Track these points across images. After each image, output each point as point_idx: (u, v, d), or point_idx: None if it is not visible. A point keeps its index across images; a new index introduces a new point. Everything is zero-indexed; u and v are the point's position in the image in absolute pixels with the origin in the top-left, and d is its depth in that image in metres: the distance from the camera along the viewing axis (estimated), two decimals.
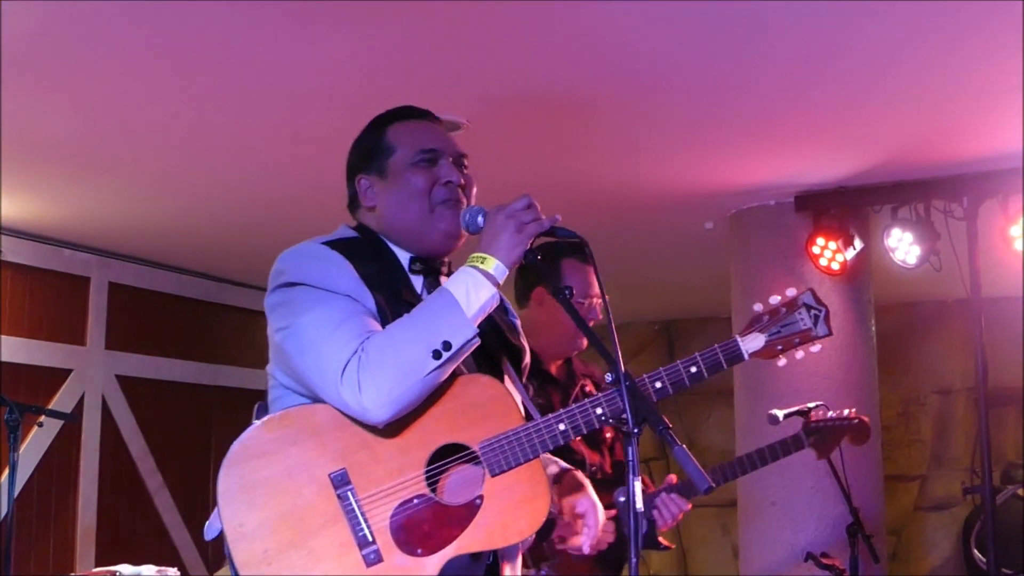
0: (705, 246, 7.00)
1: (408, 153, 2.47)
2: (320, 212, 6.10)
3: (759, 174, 5.66)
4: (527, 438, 2.25)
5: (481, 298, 2.24)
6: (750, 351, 2.38)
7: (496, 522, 2.22)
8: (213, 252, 7.32)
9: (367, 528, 2.19)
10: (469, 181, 2.50)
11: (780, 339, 2.40)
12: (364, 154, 2.54)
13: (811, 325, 2.42)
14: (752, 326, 2.40)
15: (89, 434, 7.02)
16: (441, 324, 2.20)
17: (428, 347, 2.18)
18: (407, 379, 2.17)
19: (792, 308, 2.42)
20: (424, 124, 2.54)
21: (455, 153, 2.50)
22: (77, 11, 3.71)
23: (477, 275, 2.25)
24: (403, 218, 2.46)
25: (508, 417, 2.27)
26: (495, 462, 2.24)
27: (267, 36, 3.94)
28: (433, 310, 2.23)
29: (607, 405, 2.28)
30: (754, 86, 4.48)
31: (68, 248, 6.93)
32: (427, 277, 2.47)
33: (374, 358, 2.17)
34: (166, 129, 4.92)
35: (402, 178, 2.46)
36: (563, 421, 2.27)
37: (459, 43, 4.04)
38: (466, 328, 2.21)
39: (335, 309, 2.26)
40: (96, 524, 6.99)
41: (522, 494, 2.24)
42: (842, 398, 5.70)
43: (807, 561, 4.52)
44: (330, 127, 4.79)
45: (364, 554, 2.18)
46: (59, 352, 6.88)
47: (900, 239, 5.61)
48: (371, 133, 2.55)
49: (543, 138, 5.10)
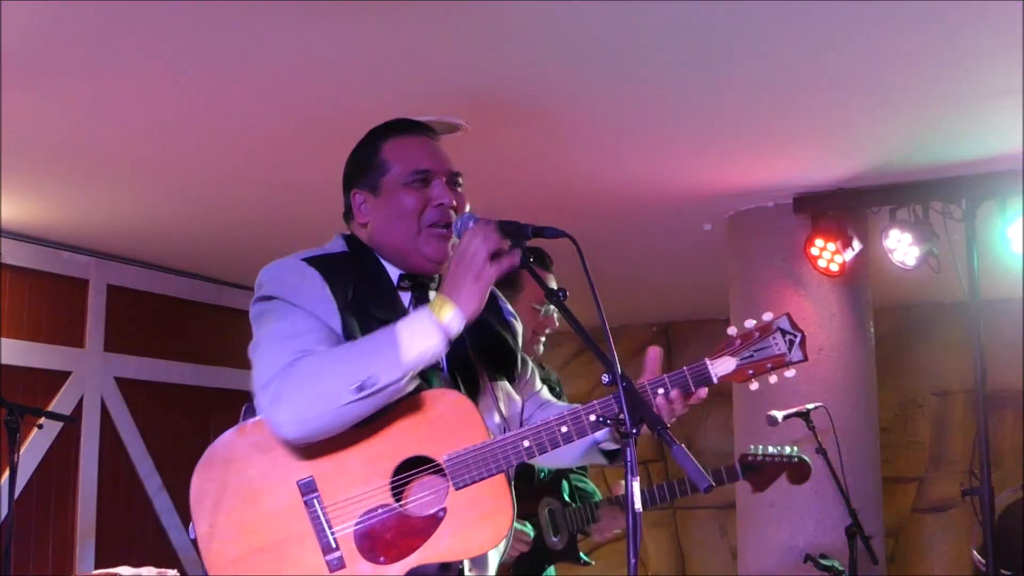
0: (703, 248, 7.00)
1: (401, 172, 2.46)
2: (317, 215, 6.12)
3: (757, 176, 5.66)
4: (492, 453, 2.25)
5: (423, 346, 2.19)
6: (719, 375, 2.37)
7: (458, 535, 2.23)
8: (212, 254, 7.32)
9: (331, 535, 2.22)
10: (461, 200, 2.48)
11: (751, 363, 2.39)
12: (359, 168, 2.53)
13: (785, 350, 2.40)
14: (724, 349, 2.40)
15: (88, 436, 7.02)
16: (373, 361, 2.18)
17: (352, 379, 2.16)
18: (321, 405, 2.17)
19: (766, 333, 2.41)
20: (420, 140, 2.51)
21: (448, 172, 2.48)
22: (75, 13, 3.71)
23: (428, 323, 2.21)
24: (391, 236, 2.46)
25: (474, 432, 2.27)
26: (459, 475, 2.24)
27: (266, 40, 3.94)
28: (372, 345, 2.21)
29: (572, 424, 2.29)
30: (752, 88, 4.49)
31: (67, 251, 6.94)
32: (415, 293, 2.47)
33: (297, 377, 2.19)
34: (165, 132, 4.93)
35: (394, 197, 2.45)
36: (528, 438, 2.28)
37: (453, 45, 4.04)
38: (395, 371, 2.17)
39: (291, 324, 2.29)
40: (95, 526, 7.00)
41: (485, 508, 2.25)
42: (840, 399, 5.71)
43: (806, 562, 4.52)
44: (328, 131, 4.79)
45: (328, 560, 2.21)
46: (58, 354, 6.88)
47: (899, 240, 5.62)
48: (367, 147, 2.54)
49: (540, 140, 5.10)
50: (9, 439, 4.03)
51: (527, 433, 2.29)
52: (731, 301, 6.32)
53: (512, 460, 2.27)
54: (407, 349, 2.18)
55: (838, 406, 5.38)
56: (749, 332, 2.41)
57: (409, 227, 2.43)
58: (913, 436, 9.18)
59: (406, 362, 2.18)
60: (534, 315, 3.82)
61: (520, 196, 5.71)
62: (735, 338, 2.41)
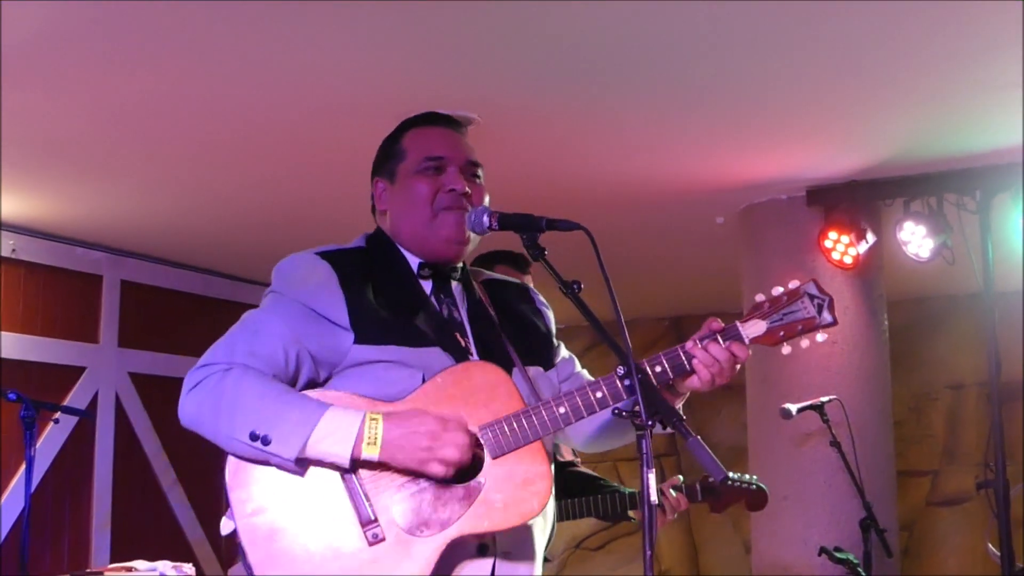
0: (715, 241, 6.99)
1: (416, 159, 2.49)
2: (332, 210, 6.15)
3: (770, 168, 5.65)
4: (527, 421, 2.26)
5: (328, 451, 2.19)
6: (750, 336, 2.35)
7: (496, 505, 2.23)
8: (225, 250, 7.34)
9: (369, 508, 2.22)
10: (478, 189, 2.50)
11: (782, 326, 2.36)
12: (381, 157, 2.58)
13: (815, 313, 2.37)
14: (753, 313, 2.38)
15: (103, 431, 7.04)
16: (280, 427, 2.19)
17: (252, 427, 2.19)
18: (215, 425, 2.24)
19: (794, 297, 2.38)
20: (438, 131, 2.54)
21: (465, 161, 2.50)
22: (88, 10, 3.72)
23: (349, 438, 2.19)
24: (407, 223, 2.49)
25: (509, 402, 2.29)
26: (495, 445, 2.25)
27: (280, 36, 3.95)
28: (293, 410, 2.21)
29: (606, 388, 2.29)
30: (765, 80, 4.48)
31: (80, 246, 6.96)
32: (436, 282, 2.49)
33: (217, 389, 2.24)
34: (178, 127, 4.94)
35: (408, 184, 2.49)
36: (563, 404, 2.28)
37: (467, 39, 4.04)
38: (290, 450, 2.18)
39: (263, 324, 2.34)
40: (111, 520, 7.03)
41: (523, 476, 2.25)
42: (854, 392, 5.70)
43: (820, 555, 4.52)
44: (342, 127, 4.80)
45: (366, 532, 2.21)
46: (72, 350, 6.90)
47: (913, 232, 5.60)
48: (391, 137, 2.58)
49: (553, 134, 5.10)
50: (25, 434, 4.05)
51: (562, 399, 2.29)
52: (743, 295, 6.31)
53: (548, 427, 2.27)
54: (314, 442, 2.19)
55: (852, 399, 5.37)
56: (777, 297, 2.39)
57: (423, 213, 2.45)
58: (927, 429, 9.16)
59: (304, 451, 2.19)
60: None
61: (533, 189, 5.70)
62: (763, 302, 2.39)
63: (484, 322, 2.48)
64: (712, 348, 2.32)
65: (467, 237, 2.45)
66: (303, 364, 2.32)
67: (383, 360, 2.32)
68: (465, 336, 2.45)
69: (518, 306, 2.60)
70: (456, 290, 2.53)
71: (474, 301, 2.53)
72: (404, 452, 2.19)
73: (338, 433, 2.19)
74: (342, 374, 2.34)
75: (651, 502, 2.03)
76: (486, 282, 2.64)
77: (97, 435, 7.00)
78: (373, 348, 2.32)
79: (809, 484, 5.80)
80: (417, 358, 2.33)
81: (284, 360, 2.30)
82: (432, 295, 2.47)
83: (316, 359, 2.33)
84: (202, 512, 7.62)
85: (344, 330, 2.32)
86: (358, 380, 2.31)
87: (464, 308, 2.51)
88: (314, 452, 2.19)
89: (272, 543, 2.21)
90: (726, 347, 2.32)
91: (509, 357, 2.46)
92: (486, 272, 2.70)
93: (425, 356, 2.34)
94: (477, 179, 2.51)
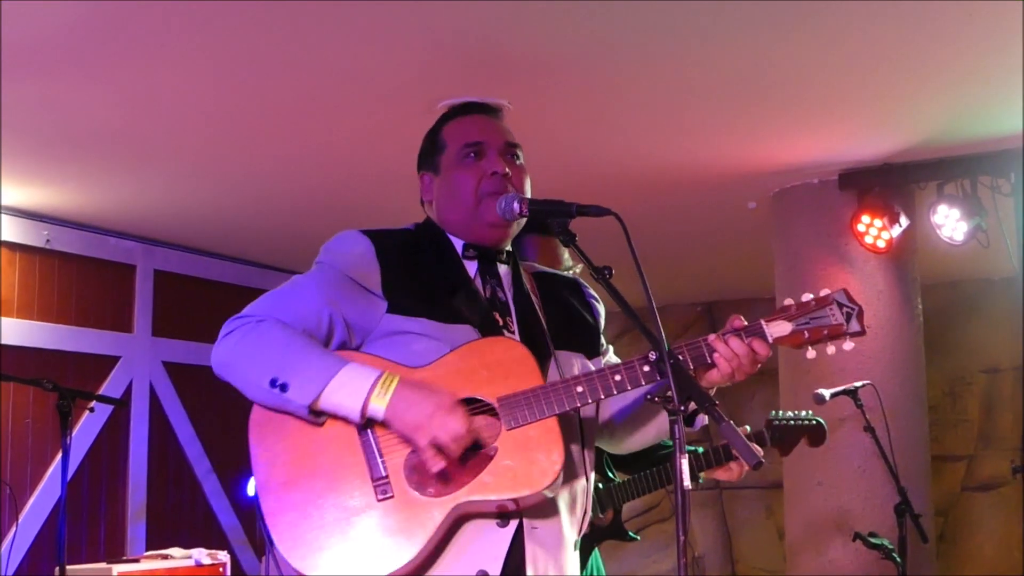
0: (748, 226, 6.96)
1: (456, 148, 2.53)
2: (365, 197, 6.17)
3: (802, 152, 5.62)
4: (544, 397, 2.27)
5: (341, 403, 2.24)
6: (774, 335, 2.36)
7: (507, 472, 2.25)
8: (257, 239, 7.37)
9: (381, 463, 2.26)
10: (518, 170, 2.52)
11: (807, 329, 2.37)
12: (424, 151, 2.62)
13: (843, 322, 2.38)
14: (779, 314, 2.39)
15: (137, 420, 7.10)
16: (301, 373, 2.25)
17: (276, 372, 2.26)
18: (239, 371, 2.32)
19: (823, 304, 2.40)
20: (474, 118, 2.58)
21: (503, 143, 2.53)
22: (121, 3, 3.74)
23: (361, 391, 2.24)
24: (454, 212, 2.52)
25: (529, 378, 2.30)
26: (511, 416, 2.27)
27: (310, 25, 3.96)
28: (313, 361, 2.27)
29: (626, 372, 2.30)
30: (796, 63, 4.45)
31: (114, 236, 7.01)
32: (481, 263, 2.52)
33: (248, 336, 2.33)
34: (210, 117, 4.96)
35: (451, 174, 2.52)
36: (581, 384, 2.29)
37: (499, 23, 4.04)
38: (304, 397, 2.24)
39: (304, 284, 2.43)
40: (146, 508, 7.09)
41: (535, 449, 2.26)
42: (888, 377, 5.67)
43: (855, 541, 4.50)
44: (374, 115, 4.81)
45: (376, 486, 2.25)
46: (107, 339, 6.96)
47: (947, 216, 5.56)
48: (431, 131, 2.62)
49: (585, 118, 5.10)
50: (61, 423, 4.08)
51: (580, 379, 2.30)
52: (776, 279, 6.28)
53: (565, 404, 2.28)
54: (329, 392, 2.24)
55: (886, 384, 5.34)
56: (805, 302, 2.40)
57: (467, 201, 2.48)
58: (962, 414, 9.10)
59: (318, 400, 2.25)
60: None
61: (563, 175, 5.70)
62: (790, 306, 2.40)
63: (528, 305, 2.51)
64: (733, 343, 2.33)
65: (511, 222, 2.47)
66: (336, 327, 2.38)
67: (412, 332, 2.36)
68: (508, 316, 2.48)
69: (566, 297, 2.64)
70: (503, 273, 2.55)
71: (520, 284, 2.55)
72: (407, 413, 2.22)
73: (352, 385, 2.24)
74: (373, 342, 2.39)
75: (684, 487, 2.02)
76: (536, 274, 2.67)
77: (132, 424, 7.06)
78: (404, 319, 2.37)
79: (843, 469, 5.77)
80: (446, 333, 2.36)
81: (317, 320, 2.36)
82: (477, 275, 2.50)
83: (350, 324, 2.38)
84: (236, 499, 7.67)
85: (378, 298, 2.38)
86: (387, 348, 2.36)
87: (510, 290, 2.54)
88: (328, 403, 2.25)
89: (284, 490, 2.27)
90: (747, 343, 2.33)
91: (547, 342, 2.47)
92: (537, 266, 2.73)
93: (454, 332, 2.37)
94: (517, 159, 2.54)
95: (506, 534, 2.31)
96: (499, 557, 2.29)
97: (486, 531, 2.30)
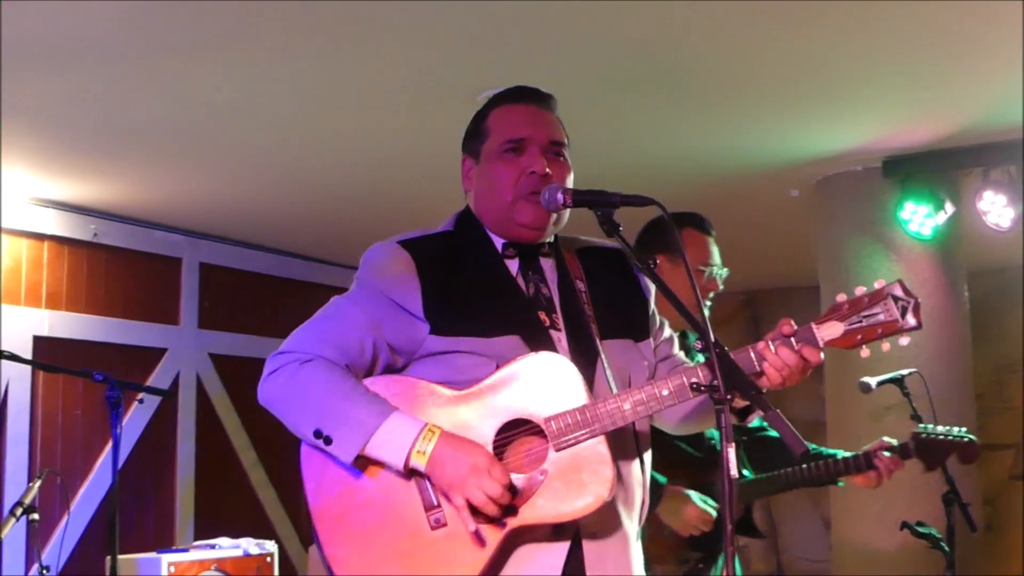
0: (790, 214, 6.92)
1: (497, 141, 2.49)
2: (409, 191, 6.18)
3: (845, 139, 5.58)
4: (593, 416, 2.26)
5: (382, 455, 2.27)
6: (825, 339, 2.30)
7: (557, 497, 2.24)
8: (301, 231, 7.41)
9: (433, 493, 2.27)
10: (560, 169, 2.47)
11: (860, 329, 2.31)
12: (468, 135, 2.58)
13: (897, 316, 2.31)
14: (831, 314, 2.33)
15: (185, 412, 7.18)
16: (343, 428, 2.27)
17: (320, 424, 2.29)
18: (285, 415, 2.37)
19: (876, 299, 2.32)
20: (523, 108, 2.52)
21: (546, 141, 2.48)
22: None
23: (402, 452, 2.25)
24: (489, 206, 2.50)
25: (576, 395, 2.28)
26: (560, 437, 2.25)
27: (359, 18, 3.97)
28: (358, 413, 2.28)
29: (673, 386, 2.28)
30: (839, 49, 4.43)
31: (160, 230, 7.07)
32: (523, 260, 2.49)
33: (291, 379, 2.36)
34: (254, 110, 4.99)
35: (490, 166, 2.49)
36: (628, 399, 2.27)
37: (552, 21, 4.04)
38: (349, 452, 2.27)
39: (346, 310, 2.42)
40: (194, 498, 7.16)
41: (585, 470, 2.25)
42: (935, 365, 5.62)
43: (902, 530, 4.46)
44: (422, 109, 4.82)
45: (429, 517, 2.26)
46: (154, 332, 7.04)
47: (992, 202, 5.51)
48: (479, 114, 2.57)
49: (627, 109, 5.09)
50: (111, 413, 4.13)
51: (628, 395, 2.28)
52: (819, 268, 6.24)
53: (615, 422, 2.26)
54: (371, 448, 2.27)
55: (932, 372, 5.28)
56: (858, 298, 2.33)
57: (504, 197, 2.45)
58: (1009, 402, 9.01)
59: (361, 454, 2.27)
60: (698, 277, 3.78)
61: (606, 164, 5.69)
62: (843, 303, 2.33)
63: (573, 298, 2.47)
64: (783, 352, 2.28)
65: (547, 221, 2.43)
66: (380, 352, 2.38)
67: (457, 351, 2.35)
68: (553, 312, 2.45)
69: (613, 275, 2.57)
70: (546, 266, 2.51)
71: (564, 276, 2.51)
72: (444, 471, 2.23)
73: (394, 442, 2.25)
74: (419, 362, 2.38)
75: (732, 477, 2.02)
76: (582, 250, 2.61)
77: (179, 415, 7.14)
78: (447, 339, 2.35)
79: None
80: (491, 348, 2.34)
81: (360, 349, 2.37)
82: (519, 273, 2.47)
83: (393, 347, 2.38)
84: (283, 490, 7.73)
85: (420, 321, 2.36)
86: (433, 368, 2.36)
87: (555, 283, 2.50)
88: (371, 455, 2.28)
89: (340, 521, 2.29)
90: (798, 350, 2.28)
91: (591, 339, 2.44)
92: (582, 239, 2.65)
93: (499, 346, 2.35)
94: (560, 158, 2.49)
95: (563, 544, 2.30)
96: (558, 567, 2.29)
97: (543, 545, 2.29)
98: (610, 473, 2.25)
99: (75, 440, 6.47)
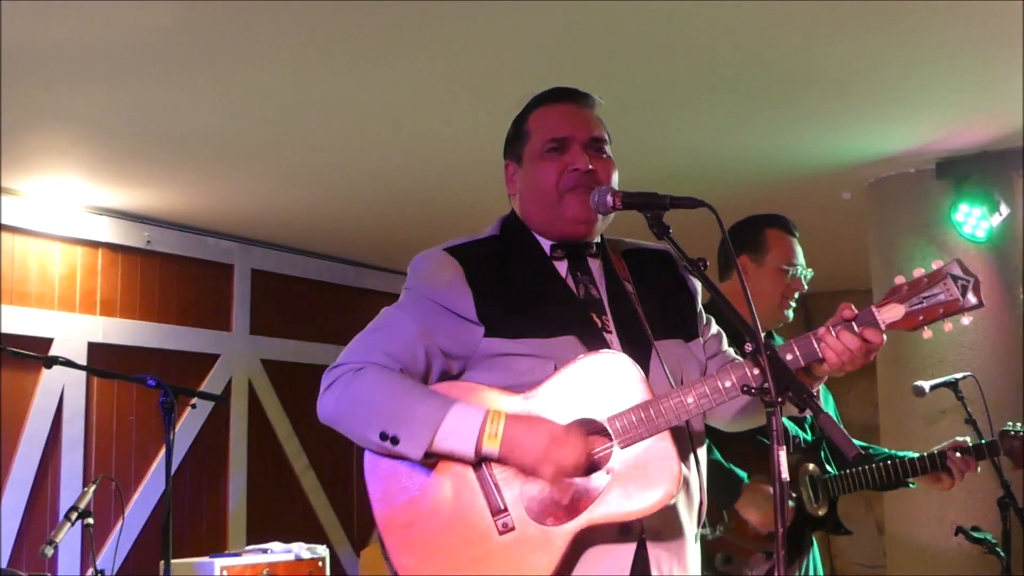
0: (843, 217, 6.87)
1: (539, 141, 2.49)
2: (459, 197, 6.20)
3: (898, 141, 5.53)
4: (656, 411, 2.25)
5: (452, 447, 2.25)
6: (887, 321, 2.27)
7: (624, 494, 2.23)
8: (352, 238, 7.45)
9: (500, 497, 2.26)
10: (604, 165, 2.47)
11: (921, 310, 2.27)
12: (510, 138, 2.59)
13: (958, 296, 2.27)
14: (890, 297, 2.31)
15: (237, 417, 7.24)
16: (408, 426, 2.26)
17: (383, 427, 2.27)
18: (349, 425, 2.34)
19: (936, 279, 2.28)
20: (563, 108, 2.52)
21: (588, 138, 2.48)
22: (218, 5, 3.81)
23: (472, 434, 2.24)
24: (535, 207, 2.49)
25: (637, 392, 2.27)
26: (623, 435, 2.25)
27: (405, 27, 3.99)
28: (421, 409, 2.27)
29: (735, 377, 2.26)
30: (892, 51, 4.39)
31: (212, 236, 7.14)
32: (571, 261, 2.49)
33: (351, 388, 2.34)
34: (305, 117, 5.03)
35: (533, 167, 2.49)
36: (691, 393, 2.26)
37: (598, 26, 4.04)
38: (416, 449, 2.25)
39: (397, 319, 2.41)
40: (247, 503, 7.22)
41: (651, 466, 2.24)
42: (989, 368, 5.56)
43: (957, 535, 4.41)
44: (468, 113, 4.83)
45: (497, 522, 2.25)
46: (206, 338, 7.10)
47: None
48: (519, 117, 2.58)
49: (679, 112, 5.07)
50: (165, 418, 4.17)
51: (690, 388, 2.27)
52: (872, 271, 6.19)
53: (678, 417, 2.26)
54: (440, 440, 2.25)
55: (987, 375, 5.22)
56: (917, 280, 2.30)
57: (549, 196, 2.45)
58: None
59: (430, 449, 2.25)
60: (782, 277, 3.78)
61: (658, 167, 5.68)
62: (901, 286, 2.30)
63: (622, 298, 2.46)
64: (844, 336, 2.25)
65: (594, 216, 2.42)
66: (434, 359, 2.37)
67: (514, 353, 2.34)
68: (603, 314, 2.44)
69: (660, 276, 2.57)
70: (594, 267, 2.51)
71: (612, 277, 2.51)
72: (523, 449, 2.22)
73: (461, 430, 2.24)
74: (475, 366, 2.38)
75: (782, 479, 2.00)
76: (627, 252, 2.60)
77: (231, 420, 7.20)
78: (503, 341, 2.35)
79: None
80: (548, 348, 2.34)
81: (413, 357, 2.36)
82: (568, 275, 2.47)
83: (447, 353, 2.38)
84: (334, 495, 7.77)
85: (474, 324, 2.36)
86: (490, 371, 2.35)
87: (603, 284, 2.49)
88: (440, 449, 2.25)
89: (407, 530, 2.28)
90: (859, 333, 2.25)
91: (646, 336, 2.44)
92: (627, 241, 2.65)
93: (556, 346, 2.34)
94: (603, 155, 2.49)
95: (630, 546, 2.30)
96: (625, 568, 2.28)
97: (610, 546, 2.28)
98: (676, 468, 2.24)
99: (129, 445, 6.54)
